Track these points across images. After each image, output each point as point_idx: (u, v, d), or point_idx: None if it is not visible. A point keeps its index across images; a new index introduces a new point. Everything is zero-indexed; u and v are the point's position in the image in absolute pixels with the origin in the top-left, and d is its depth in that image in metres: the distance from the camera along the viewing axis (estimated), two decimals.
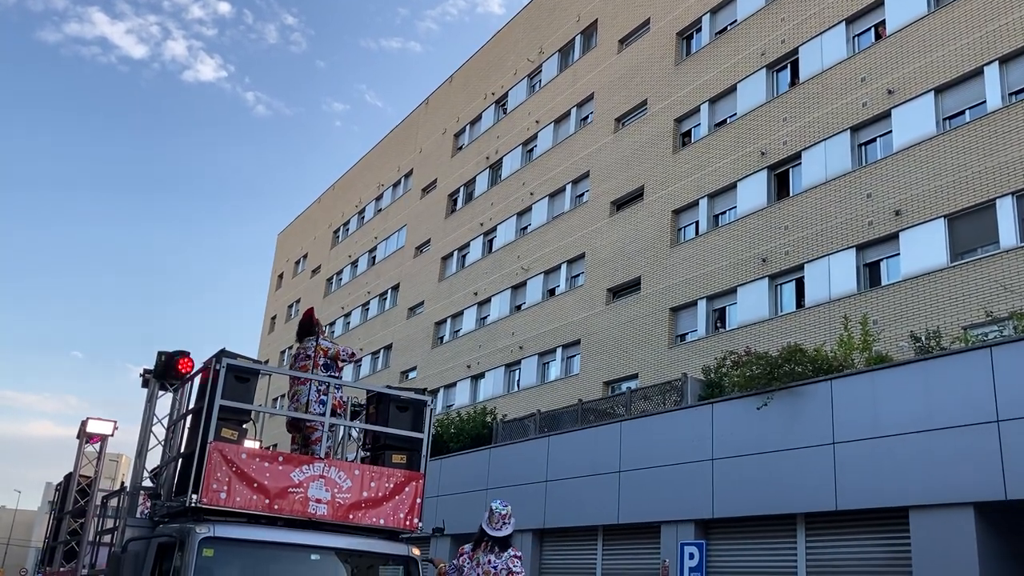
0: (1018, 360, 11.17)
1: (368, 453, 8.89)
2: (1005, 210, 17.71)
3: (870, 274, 20.35)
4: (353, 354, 9.39)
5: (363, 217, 49.46)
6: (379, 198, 47.82)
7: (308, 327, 9.23)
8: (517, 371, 31.89)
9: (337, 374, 9.15)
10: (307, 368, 8.85)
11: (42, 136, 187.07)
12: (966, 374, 11.67)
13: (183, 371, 9.02)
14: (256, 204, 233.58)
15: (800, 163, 22.67)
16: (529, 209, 33.81)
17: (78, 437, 12.51)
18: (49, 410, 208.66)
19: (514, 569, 7.42)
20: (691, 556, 14.24)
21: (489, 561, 7.43)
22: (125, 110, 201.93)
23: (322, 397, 8.60)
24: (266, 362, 46.90)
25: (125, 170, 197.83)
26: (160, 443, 9.20)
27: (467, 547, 7.68)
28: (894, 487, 11.96)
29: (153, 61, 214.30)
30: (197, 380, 8.36)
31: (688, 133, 27.01)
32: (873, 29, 21.95)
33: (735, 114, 25.11)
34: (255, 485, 7.39)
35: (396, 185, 46.29)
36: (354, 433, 9.37)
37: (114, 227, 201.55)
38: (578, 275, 30.04)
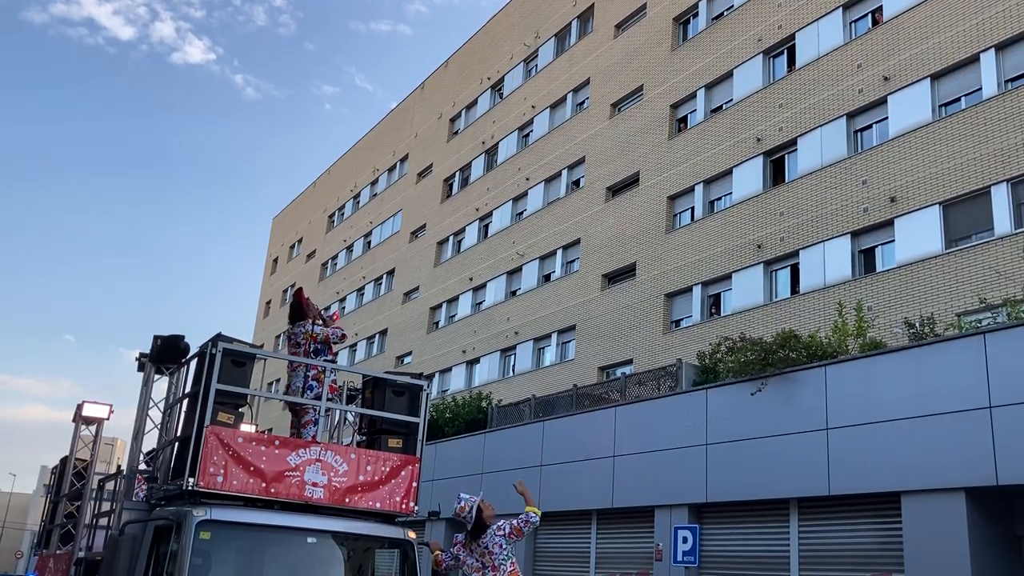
0: (1011, 346, 11.24)
1: (364, 437, 8.92)
2: (1000, 197, 17.75)
3: (865, 261, 20.40)
4: (344, 336, 9.33)
5: (358, 201, 49.36)
6: (374, 182, 47.71)
7: (299, 311, 9.15)
8: (512, 356, 31.95)
9: (331, 356, 9.11)
10: (297, 356, 8.84)
11: (29, 118, 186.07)
12: (959, 360, 11.74)
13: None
14: (249, 187, 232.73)
15: (796, 149, 22.67)
16: (525, 194, 33.77)
17: (74, 420, 12.49)
18: (42, 394, 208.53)
19: (499, 532, 7.94)
20: (685, 540, 14.33)
21: (479, 543, 7.97)
22: (113, 92, 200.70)
23: (311, 383, 8.59)
24: (261, 346, 46.85)
25: (115, 153, 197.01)
26: (156, 427, 9.22)
27: (460, 536, 8.14)
28: (886, 472, 12.05)
29: (141, 43, 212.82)
30: (193, 364, 8.37)
31: (684, 119, 26.97)
32: (870, 15, 21.92)
33: (731, 100, 25.08)
34: (252, 469, 7.43)
35: (391, 170, 46.18)
36: (350, 417, 9.39)
37: (104, 211, 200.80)
38: (573, 261, 30.05)
